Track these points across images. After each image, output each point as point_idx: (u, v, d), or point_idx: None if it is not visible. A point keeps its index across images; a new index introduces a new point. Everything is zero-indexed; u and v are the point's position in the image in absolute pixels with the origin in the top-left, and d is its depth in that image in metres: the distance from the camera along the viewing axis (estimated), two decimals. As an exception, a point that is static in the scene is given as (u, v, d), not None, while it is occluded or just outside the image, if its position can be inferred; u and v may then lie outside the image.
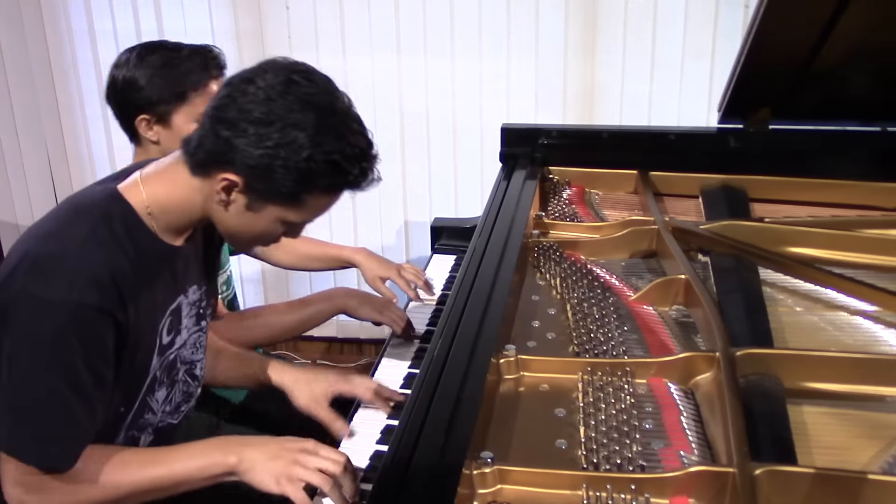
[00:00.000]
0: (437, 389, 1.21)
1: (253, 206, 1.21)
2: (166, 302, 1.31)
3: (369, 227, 3.15)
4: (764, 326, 1.44)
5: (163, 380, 1.35)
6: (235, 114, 1.16)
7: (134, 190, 1.25)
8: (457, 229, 2.23)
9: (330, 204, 1.25)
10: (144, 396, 1.32)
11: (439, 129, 2.97)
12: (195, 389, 1.45)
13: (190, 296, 1.37)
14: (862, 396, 1.27)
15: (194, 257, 1.38)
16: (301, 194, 1.19)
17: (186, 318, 1.37)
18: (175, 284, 1.32)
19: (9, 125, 3.20)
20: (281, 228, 1.26)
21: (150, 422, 1.36)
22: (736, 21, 2.67)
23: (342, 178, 1.20)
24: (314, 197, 1.21)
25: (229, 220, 1.24)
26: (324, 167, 1.16)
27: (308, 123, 1.15)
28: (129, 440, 1.33)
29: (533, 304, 1.60)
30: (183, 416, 1.44)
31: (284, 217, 1.23)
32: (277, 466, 1.21)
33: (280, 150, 1.14)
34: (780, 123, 2.07)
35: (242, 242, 1.33)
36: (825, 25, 1.77)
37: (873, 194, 1.94)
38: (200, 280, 1.40)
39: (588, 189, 2.13)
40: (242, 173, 1.17)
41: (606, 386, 1.29)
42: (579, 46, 2.80)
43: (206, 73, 1.70)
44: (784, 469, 1.05)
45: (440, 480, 1.03)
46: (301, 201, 1.20)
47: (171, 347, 1.34)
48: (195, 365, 1.43)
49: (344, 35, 2.91)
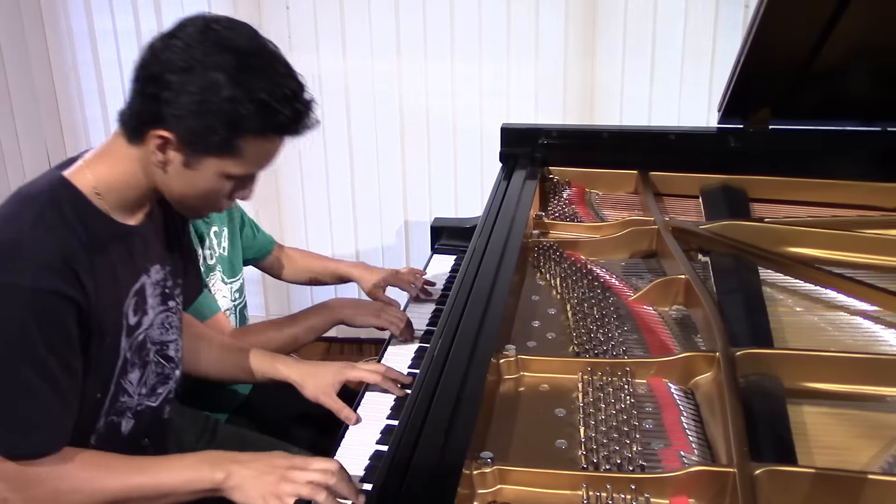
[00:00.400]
0: (437, 389, 1.21)
1: (190, 161, 1.20)
2: (128, 282, 1.30)
3: (369, 227, 3.16)
4: (764, 326, 1.44)
5: (134, 361, 1.34)
6: (158, 68, 1.15)
7: (79, 174, 1.24)
8: (457, 229, 2.23)
9: (270, 153, 1.23)
10: (118, 379, 1.31)
11: (439, 130, 2.97)
12: (171, 371, 1.44)
13: (153, 275, 1.36)
14: (862, 396, 1.27)
15: (154, 236, 1.37)
16: (233, 140, 1.18)
17: (151, 298, 1.36)
18: (135, 264, 1.31)
19: (9, 125, 3.20)
20: (227, 185, 1.24)
21: (128, 405, 1.35)
22: (736, 21, 2.67)
23: (273, 120, 1.18)
24: (249, 143, 1.19)
25: (171, 182, 1.23)
26: (251, 108, 1.15)
27: (228, 64, 1.14)
28: (110, 426, 1.33)
29: (533, 304, 1.60)
30: (163, 400, 1.43)
31: (225, 170, 1.21)
32: (265, 484, 1.20)
33: (203, 95, 1.14)
34: (780, 123, 2.07)
35: (192, 207, 1.30)
36: (825, 25, 1.77)
37: (873, 194, 1.94)
38: (164, 260, 1.39)
39: (588, 189, 2.13)
40: (172, 127, 1.16)
41: (606, 386, 1.29)
42: (579, 47, 2.80)
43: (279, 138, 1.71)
44: (784, 469, 1.05)
45: (440, 480, 1.03)
46: (236, 149, 1.19)
47: (139, 328, 1.33)
48: (167, 346, 1.42)
49: (344, 35, 2.91)
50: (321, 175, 3.12)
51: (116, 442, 1.34)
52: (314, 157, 3.09)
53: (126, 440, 1.37)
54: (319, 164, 3.10)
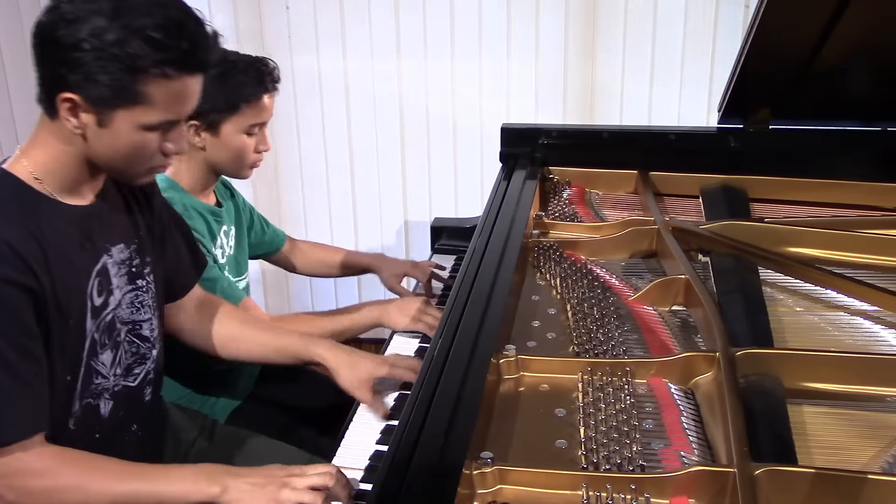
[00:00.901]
0: (437, 389, 1.21)
1: (102, 120, 1.19)
2: (88, 264, 1.29)
3: (369, 227, 3.16)
4: (764, 326, 1.44)
5: (104, 342, 1.33)
6: (47, 30, 1.16)
7: (17, 164, 1.24)
8: (457, 229, 2.23)
9: (179, 93, 1.20)
10: (88, 361, 1.30)
11: (439, 129, 2.97)
12: (147, 350, 1.43)
13: (116, 255, 1.35)
14: (862, 396, 1.27)
15: (113, 215, 1.36)
16: (134, 86, 1.16)
17: (116, 278, 1.35)
18: (93, 245, 1.31)
19: (9, 125, 3.20)
20: (150, 137, 1.23)
21: (104, 386, 1.35)
22: (736, 21, 2.67)
23: (168, 55, 1.16)
24: (151, 86, 1.17)
25: (95, 148, 1.22)
26: (140, 46, 1.14)
27: (107, 7, 1.14)
28: (87, 408, 1.32)
29: (533, 304, 1.60)
30: (142, 381, 1.42)
31: (139, 120, 1.19)
32: (266, 493, 1.20)
33: (90, 43, 1.13)
34: (780, 123, 2.07)
35: (126, 170, 1.28)
36: (825, 25, 1.77)
37: (873, 194, 1.94)
38: (128, 238, 1.38)
39: (588, 189, 2.13)
40: (75, 87, 1.16)
41: (606, 386, 1.29)
42: (579, 46, 2.80)
43: (260, 85, 1.72)
44: (784, 469, 1.05)
45: (440, 480, 1.03)
46: (141, 95, 1.17)
47: (106, 309, 1.33)
48: (139, 325, 1.41)
49: (344, 35, 2.91)
50: (321, 175, 3.12)
51: (98, 426, 1.34)
52: (314, 156, 3.09)
53: (109, 424, 1.36)
54: (319, 164, 3.10)
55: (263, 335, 1.59)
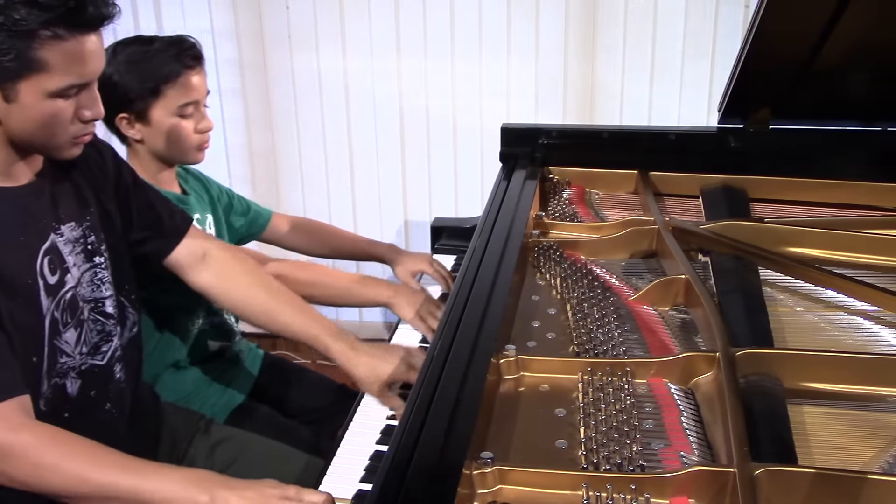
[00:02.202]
0: (437, 389, 1.20)
1: (7, 94, 1.18)
2: (33, 242, 1.29)
3: (369, 227, 3.15)
4: (764, 326, 1.44)
5: (66, 321, 1.32)
6: None
7: None
8: (457, 229, 2.23)
9: (78, 54, 1.19)
10: (52, 340, 1.30)
11: (439, 129, 2.97)
12: (113, 327, 1.42)
13: (67, 233, 1.34)
14: (862, 396, 1.27)
15: (57, 193, 1.35)
16: (28, 52, 1.15)
17: (72, 256, 1.34)
18: (37, 224, 1.30)
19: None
20: (62, 105, 1.22)
21: (70, 365, 1.34)
22: (736, 21, 2.67)
23: (53, 14, 1.15)
24: (47, 50, 1.16)
25: (10, 125, 1.21)
26: (24, 10, 1.13)
27: None
28: (55, 388, 1.31)
29: (533, 304, 1.60)
30: (111, 358, 1.41)
31: (44, 88, 1.19)
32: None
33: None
34: (780, 123, 2.07)
35: (48, 143, 1.27)
36: (825, 25, 1.77)
37: (873, 194, 1.94)
38: (78, 217, 1.37)
39: (588, 189, 2.13)
40: None
41: (606, 386, 1.29)
42: (579, 46, 2.80)
43: (178, 63, 1.67)
44: (784, 469, 1.05)
45: (440, 480, 1.03)
46: (38, 62, 1.16)
47: (63, 287, 1.32)
48: (102, 303, 1.40)
49: (344, 35, 2.91)
50: (321, 175, 3.12)
51: (67, 404, 1.33)
52: (314, 156, 3.09)
53: (79, 403, 1.35)
54: (319, 164, 3.10)
55: (286, 313, 1.54)
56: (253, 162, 3.11)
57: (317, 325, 1.53)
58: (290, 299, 1.57)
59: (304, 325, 1.53)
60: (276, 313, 1.55)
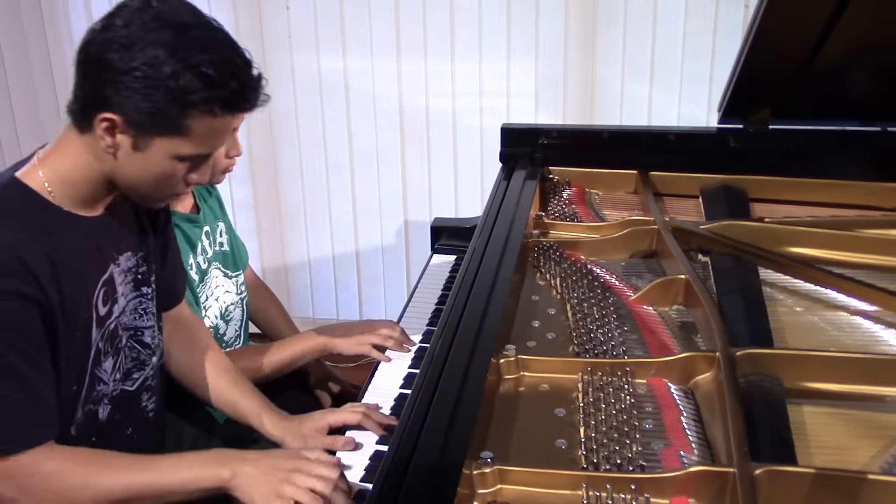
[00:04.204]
0: (437, 389, 1.21)
1: (139, 143, 1.19)
2: (96, 274, 1.30)
3: (369, 227, 3.16)
4: (764, 326, 1.44)
5: (107, 350, 1.34)
6: (98, 50, 1.16)
7: (31, 173, 1.24)
8: (457, 229, 2.23)
9: (219, 131, 1.22)
10: (92, 370, 1.31)
11: (439, 129, 2.97)
12: (147, 357, 1.43)
13: (123, 263, 1.36)
14: (862, 396, 1.27)
15: (122, 224, 1.36)
16: (180, 118, 1.17)
17: (122, 286, 1.36)
18: (102, 256, 1.31)
19: (9, 125, 3.20)
20: (179, 167, 1.24)
21: (104, 392, 1.35)
22: (736, 21, 2.67)
23: (217, 94, 1.17)
24: (196, 120, 1.18)
25: (123, 168, 1.23)
26: (193, 81, 1.14)
27: (166, 38, 1.14)
28: (88, 415, 1.33)
29: (533, 304, 1.60)
30: (140, 385, 1.43)
31: (175, 150, 1.20)
32: (269, 483, 1.21)
33: (144, 71, 1.13)
34: (780, 123, 2.07)
35: (147, 193, 1.29)
36: (825, 25, 1.77)
37: (873, 194, 1.94)
38: (136, 246, 1.39)
39: (588, 189, 2.13)
40: (117, 108, 1.16)
41: (606, 386, 1.29)
42: (579, 46, 2.80)
43: None
44: (784, 469, 1.05)
45: (440, 480, 1.03)
46: (183, 127, 1.18)
47: (110, 318, 1.33)
48: (141, 332, 1.42)
49: (344, 35, 2.91)
50: (321, 175, 3.12)
51: (96, 429, 1.35)
52: (314, 156, 3.10)
53: (106, 427, 1.37)
54: (319, 164, 3.10)
55: (225, 390, 1.54)
56: (253, 162, 3.11)
57: (254, 400, 1.52)
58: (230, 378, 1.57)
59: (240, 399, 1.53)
60: (214, 386, 1.55)
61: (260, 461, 1.24)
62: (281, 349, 1.77)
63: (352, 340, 1.72)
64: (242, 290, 1.93)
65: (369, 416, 1.44)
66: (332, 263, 3.24)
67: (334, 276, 3.25)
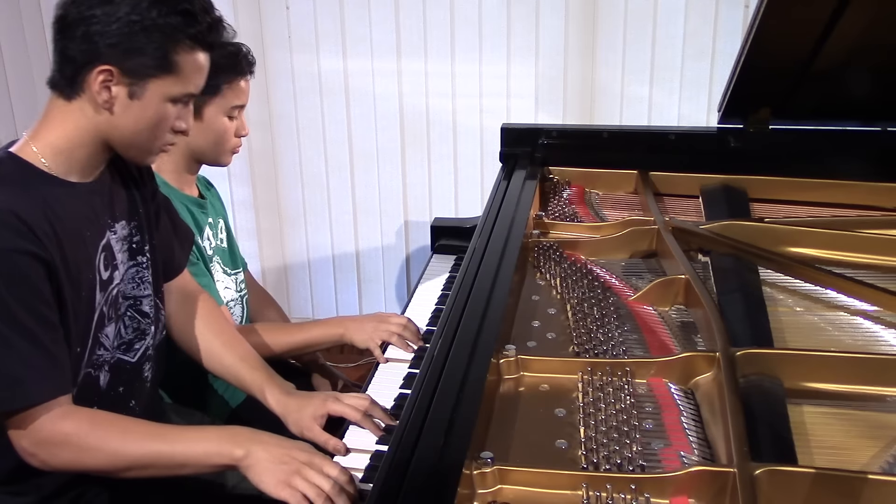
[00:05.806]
0: (437, 389, 1.21)
1: (134, 91, 1.26)
2: (95, 238, 1.34)
3: (369, 227, 3.16)
4: (764, 326, 1.44)
5: (110, 315, 1.38)
6: (78, 10, 1.22)
7: (24, 148, 1.29)
8: (457, 229, 2.23)
9: (201, 68, 1.30)
10: (95, 333, 1.35)
11: (439, 130, 2.97)
12: (147, 326, 1.46)
13: (118, 231, 1.40)
14: (862, 396, 1.27)
15: (115, 192, 1.40)
16: (169, 55, 1.24)
17: (120, 254, 1.40)
18: (98, 221, 1.36)
19: (9, 125, 3.20)
20: (171, 111, 1.30)
21: (105, 358, 1.39)
22: (736, 21, 2.67)
23: (197, 29, 1.26)
24: (183, 57, 1.26)
25: (121, 121, 1.28)
26: (177, 19, 1.23)
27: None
28: (87, 377, 1.36)
29: (533, 304, 1.60)
30: (141, 356, 1.45)
31: (168, 92, 1.27)
32: (281, 471, 1.23)
33: (131, 16, 1.21)
34: (780, 123, 2.07)
35: (143, 146, 1.33)
36: (825, 25, 1.77)
37: (873, 194, 1.94)
38: (129, 216, 1.43)
39: (588, 189, 2.13)
40: (111, 59, 1.23)
41: (606, 386, 1.29)
42: (579, 46, 2.80)
43: (238, 66, 1.74)
44: (784, 469, 1.05)
45: (440, 480, 1.03)
46: (174, 65, 1.25)
47: (112, 283, 1.38)
48: (140, 301, 1.45)
49: (344, 35, 2.91)
50: (321, 175, 3.12)
51: (97, 396, 1.38)
52: (314, 156, 3.09)
53: (107, 397, 1.40)
54: (319, 164, 3.10)
55: (230, 358, 1.55)
56: (253, 162, 3.11)
57: (259, 373, 1.52)
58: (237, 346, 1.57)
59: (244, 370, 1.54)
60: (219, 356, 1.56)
61: (275, 448, 1.26)
62: (299, 330, 1.79)
63: (366, 334, 1.73)
64: (242, 288, 1.93)
65: (369, 415, 1.44)
66: (331, 263, 3.24)
67: (334, 276, 3.25)
